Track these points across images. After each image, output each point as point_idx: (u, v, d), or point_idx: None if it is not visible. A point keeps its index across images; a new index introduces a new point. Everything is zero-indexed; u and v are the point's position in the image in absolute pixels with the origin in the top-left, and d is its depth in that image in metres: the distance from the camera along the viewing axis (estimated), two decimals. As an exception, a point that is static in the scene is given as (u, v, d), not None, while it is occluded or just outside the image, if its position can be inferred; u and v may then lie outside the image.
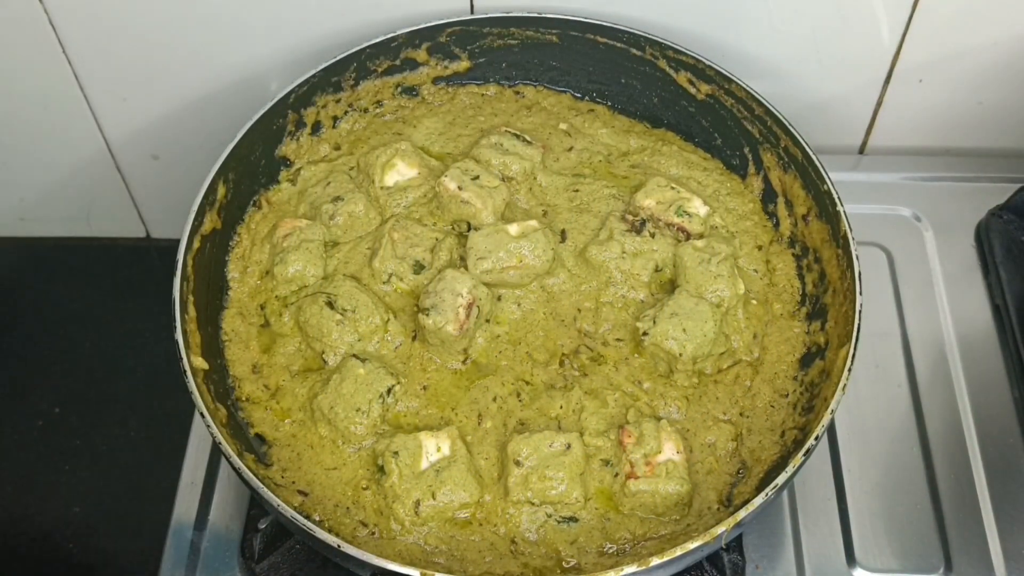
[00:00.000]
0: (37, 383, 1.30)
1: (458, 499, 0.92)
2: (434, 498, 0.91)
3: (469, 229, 1.07)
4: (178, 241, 0.98)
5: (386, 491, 0.92)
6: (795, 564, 1.02)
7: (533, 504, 0.93)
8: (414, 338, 1.03)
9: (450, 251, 1.05)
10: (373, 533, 0.92)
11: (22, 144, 1.31)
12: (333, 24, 1.17)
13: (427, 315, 0.99)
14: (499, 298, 1.05)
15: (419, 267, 1.05)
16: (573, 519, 0.93)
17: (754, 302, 1.06)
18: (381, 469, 0.93)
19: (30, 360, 1.33)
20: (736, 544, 1.01)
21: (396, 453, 0.92)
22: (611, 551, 0.92)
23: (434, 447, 0.94)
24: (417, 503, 0.91)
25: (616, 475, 0.94)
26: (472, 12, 1.17)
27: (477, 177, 1.09)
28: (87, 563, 1.16)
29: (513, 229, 1.05)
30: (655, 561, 0.79)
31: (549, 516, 0.93)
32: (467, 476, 0.92)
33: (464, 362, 1.03)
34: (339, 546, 0.82)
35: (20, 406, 1.28)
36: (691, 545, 0.80)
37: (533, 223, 1.06)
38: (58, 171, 1.34)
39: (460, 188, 1.07)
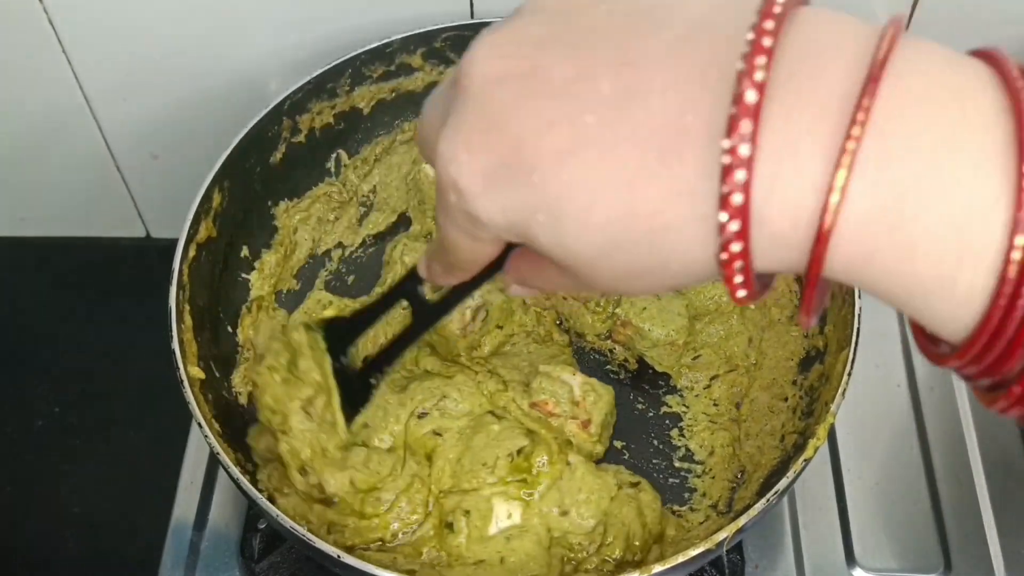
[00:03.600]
0: (37, 383, 1.30)
1: (527, 571, 0.90)
2: (502, 563, 0.89)
3: None
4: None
5: (450, 548, 0.90)
6: (794, 564, 1.02)
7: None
8: None
9: None
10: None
11: (21, 144, 1.31)
12: (334, 25, 1.17)
13: None
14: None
15: None
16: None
17: (751, 307, 1.06)
18: (450, 527, 0.91)
19: (30, 360, 1.33)
20: (735, 544, 1.01)
21: (467, 513, 0.91)
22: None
23: (505, 513, 0.92)
24: (481, 561, 0.89)
25: (570, 443, 0.95)
26: (472, 17, 1.16)
27: None
28: (87, 563, 1.16)
29: None
30: (657, 568, 0.79)
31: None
32: (538, 549, 0.90)
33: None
34: (339, 556, 0.81)
35: (20, 406, 1.28)
36: (693, 552, 0.80)
37: None
38: (58, 171, 1.34)
39: None
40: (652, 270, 0.45)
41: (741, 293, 0.44)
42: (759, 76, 0.39)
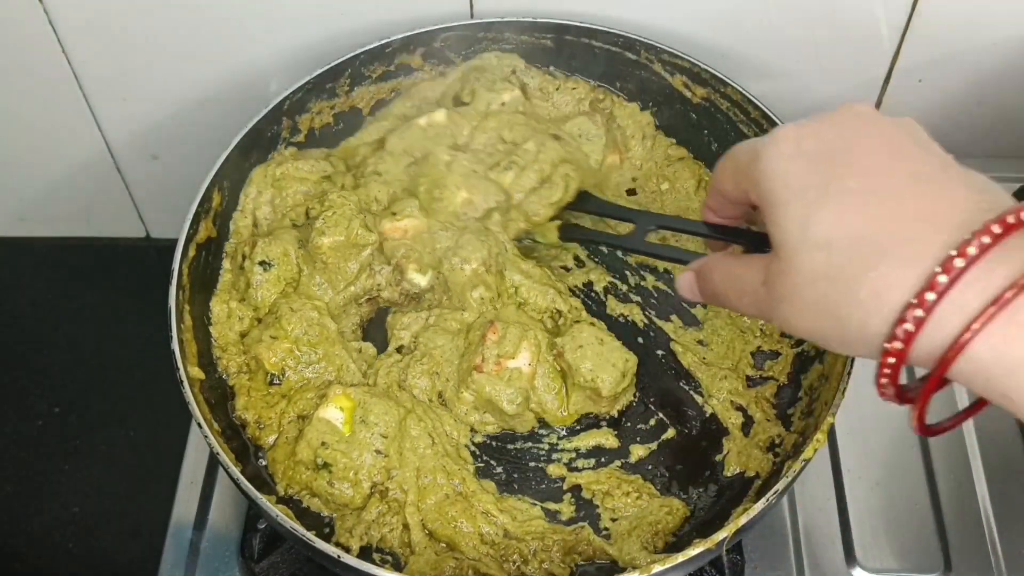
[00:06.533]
0: (37, 383, 1.30)
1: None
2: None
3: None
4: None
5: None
6: (794, 564, 1.02)
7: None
8: None
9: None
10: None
11: (22, 144, 1.31)
12: (334, 25, 1.17)
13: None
14: None
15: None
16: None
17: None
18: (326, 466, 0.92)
19: (30, 360, 1.33)
20: (735, 544, 1.01)
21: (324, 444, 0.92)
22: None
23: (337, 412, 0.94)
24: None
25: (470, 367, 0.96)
26: (472, 17, 1.16)
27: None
28: (87, 563, 1.16)
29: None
30: (656, 568, 0.79)
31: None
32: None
33: None
34: (339, 557, 0.81)
35: (20, 406, 1.28)
36: (692, 552, 0.80)
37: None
38: (58, 171, 1.34)
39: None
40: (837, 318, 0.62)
41: (883, 381, 0.63)
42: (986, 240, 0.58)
